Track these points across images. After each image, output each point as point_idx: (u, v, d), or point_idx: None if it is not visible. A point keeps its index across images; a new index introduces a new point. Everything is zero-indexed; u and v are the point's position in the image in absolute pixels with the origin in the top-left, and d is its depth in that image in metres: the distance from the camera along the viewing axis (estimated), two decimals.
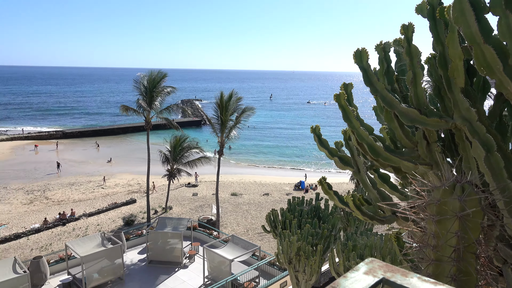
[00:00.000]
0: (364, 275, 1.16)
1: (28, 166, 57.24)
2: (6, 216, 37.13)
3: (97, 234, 21.09)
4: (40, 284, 19.29)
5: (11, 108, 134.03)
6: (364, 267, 1.19)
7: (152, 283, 19.67)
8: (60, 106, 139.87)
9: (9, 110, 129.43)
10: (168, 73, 36.16)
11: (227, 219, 36.44)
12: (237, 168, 61.45)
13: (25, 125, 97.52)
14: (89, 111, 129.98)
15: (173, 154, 37.96)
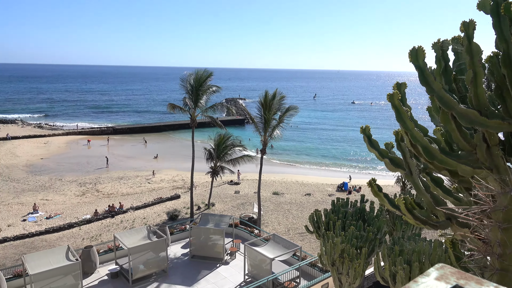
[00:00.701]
0: (436, 281, 1.10)
1: (81, 159, 60.51)
2: (60, 207, 39.49)
3: (144, 227, 21.88)
4: (90, 272, 20.33)
5: (68, 105, 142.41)
6: (435, 273, 1.14)
7: (194, 278, 20.11)
8: (111, 104, 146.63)
9: (66, 106, 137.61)
10: (213, 72, 36.80)
11: (268, 217, 36.52)
12: (279, 167, 61.39)
13: (79, 121, 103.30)
14: (138, 109, 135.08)
15: (217, 152, 38.58)
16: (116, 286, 19.18)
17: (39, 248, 29.69)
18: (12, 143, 69.86)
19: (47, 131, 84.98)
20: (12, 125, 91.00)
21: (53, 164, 57.42)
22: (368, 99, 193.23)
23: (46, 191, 44.48)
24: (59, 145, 71.29)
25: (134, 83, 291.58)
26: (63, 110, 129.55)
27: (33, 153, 63.46)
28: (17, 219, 35.84)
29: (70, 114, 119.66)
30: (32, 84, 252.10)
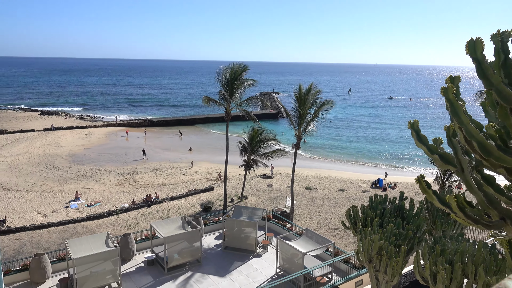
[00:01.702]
0: None
1: (120, 150, 62.59)
2: (100, 195, 41.09)
3: (179, 218, 22.38)
4: (128, 259, 21.06)
5: (108, 97, 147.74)
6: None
7: (227, 268, 20.40)
8: (149, 97, 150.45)
9: (106, 99, 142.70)
10: (248, 65, 36.89)
11: (300, 212, 36.40)
12: (312, 162, 60.93)
13: (118, 113, 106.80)
14: (174, 102, 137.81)
15: (250, 145, 38.77)
16: (152, 273, 19.78)
17: (80, 233, 31.08)
18: (56, 134, 73.27)
19: (88, 122, 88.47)
20: (56, 116, 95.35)
21: (94, 154, 59.75)
22: (407, 94, 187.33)
23: (87, 180, 46.40)
24: (99, 136, 74.05)
25: (171, 77, 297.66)
26: (103, 102, 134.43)
27: (75, 144, 66.29)
28: (61, 205, 37.64)
29: (109, 107, 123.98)
30: (76, 77, 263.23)
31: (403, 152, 68.37)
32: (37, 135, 72.07)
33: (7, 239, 29.87)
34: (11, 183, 44.01)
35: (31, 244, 29.28)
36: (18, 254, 27.40)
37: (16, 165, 51.80)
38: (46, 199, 39.49)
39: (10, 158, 55.26)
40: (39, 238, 30.51)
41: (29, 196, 40.08)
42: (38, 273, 18.45)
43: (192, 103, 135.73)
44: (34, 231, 31.59)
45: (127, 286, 18.49)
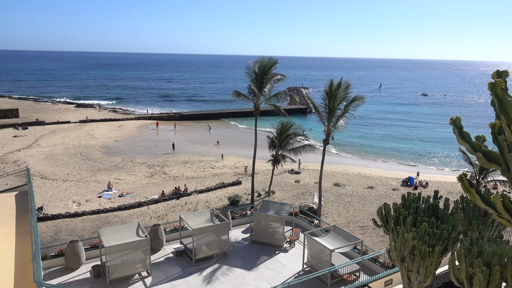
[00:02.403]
0: None
1: (151, 143, 63.97)
2: (131, 186, 42.18)
3: (207, 210, 22.65)
4: (157, 249, 21.53)
5: (140, 91, 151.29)
6: None
7: (254, 262, 20.50)
8: (180, 91, 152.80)
9: (138, 93, 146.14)
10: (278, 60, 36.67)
11: (328, 208, 36.07)
12: (341, 158, 60.18)
13: (149, 107, 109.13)
14: (204, 97, 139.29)
15: (278, 140, 38.68)
16: (180, 263, 20.14)
17: (112, 223, 32.06)
18: (90, 126, 75.71)
19: (121, 115, 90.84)
20: (90, 109, 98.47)
21: (126, 146, 61.35)
22: (442, 90, 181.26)
23: (119, 171, 47.73)
24: (131, 128, 75.93)
25: (202, 71, 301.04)
26: (135, 96, 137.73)
27: (108, 136, 68.27)
28: (94, 195, 38.93)
29: (141, 100, 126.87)
30: (111, 71, 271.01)
31: (435, 151, 66.36)
32: (73, 126, 74.72)
33: (44, 226, 31.19)
34: (48, 172, 45.88)
35: (66, 231, 30.47)
36: (54, 240, 28.57)
37: (53, 155, 53.93)
38: (80, 188, 40.94)
39: (47, 148, 57.59)
40: (74, 225, 31.70)
41: (65, 185, 41.67)
42: (73, 259, 19.16)
43: (222, 97, 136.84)
44: (69, 219, 32.84)
45: (156, 275, 18.92)
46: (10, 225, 16.03)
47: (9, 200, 18.94)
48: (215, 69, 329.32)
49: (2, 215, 17.05)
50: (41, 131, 69.09)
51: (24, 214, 17.26)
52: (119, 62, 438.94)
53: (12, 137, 64.06)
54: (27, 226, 15.88)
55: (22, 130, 69.75)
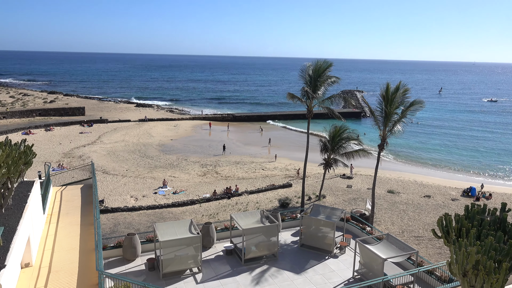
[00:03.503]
0: None
1: (204, 143, 65.72)
2: (185, 184, 43.58)
3: (257, 211, 22.83)
4: (208, 246, 22.04)
5: (196, 92, 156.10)
6: None
7: (303, 266, 20.34)
8: (234, 93, 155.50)
9: (194, 94, 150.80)
10: (333, 62, 36.20)
11: (381, 216, 34.90)
12: (396, 164, 58.00)
13: (204, 107, 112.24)
14: (258, 99, 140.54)
15: (331, 144, 38.10)
16: (230, 262, 20.47)
17: (166, 218, 33.33)
18: (148, 125, 79.33)
19: (177, 115, 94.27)
20: (149, 108, 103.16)
21: (180, 145, 63.55)
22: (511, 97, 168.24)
23: (174, 169, 49.53)
24: (186, 128, 78.50)
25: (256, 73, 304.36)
26: (191, 97, 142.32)
27: (164, 134, 71.13)
28: (150, 191, 40.72)
29: (196, 101, 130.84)
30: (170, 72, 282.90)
31: (502, 162, 61.70)
32: (133, 125, 78.72)
33: (104, 218, 33.14)
34: (109, 168, 48.70)
35: (124, 224, 32.15)
36: (113, 232, 30.27)
37: (114, 151, 57.16)
38: (138, 184, 43.01)
39: (109, 145, 61.16)
40: (131, 219, 33.37)
41: (124, 181, 43.99)
42: (130, 251, 20.16)
43: (275, 100, 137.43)
44: (127, 213, 34.62)
45: (207, 272, 19.37)
46: (76, 216, 17.23)
47: (75, 192, 20.37)
48: (271, 72, 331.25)
49: (69, 206, 18.37)
50: (104, 129, 73.52)
51: (88, 205, 18.47)
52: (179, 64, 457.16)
53: (78, 133, 68.80)
54: (90, 217, 16.98)
55: (87, 127, 74.68)
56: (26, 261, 12.49)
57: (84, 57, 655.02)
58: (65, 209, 18.06)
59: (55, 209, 17.97)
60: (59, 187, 21.40)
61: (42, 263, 13.02)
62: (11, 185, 13.01)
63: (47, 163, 22.05)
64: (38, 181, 16.47)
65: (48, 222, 16.47)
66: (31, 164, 13.87)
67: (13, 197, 13.91)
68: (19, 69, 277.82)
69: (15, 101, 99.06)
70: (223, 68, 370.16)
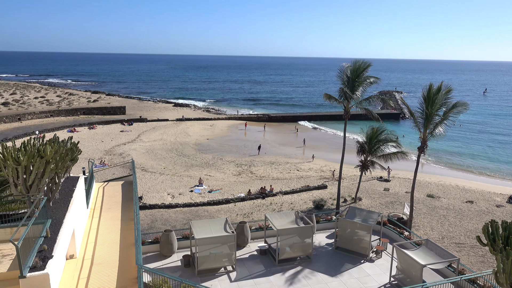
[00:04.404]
0: None
1: (239, 143, 66.26)
2: (220, 183, 44.13)
3: (292, 212, 22.78)
4: (243, 245, 22.24)
5: (234, 93, 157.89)
6: None
7: (337, 269, 20.08)
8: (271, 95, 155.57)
9: (231, 94, 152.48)
10: (372, 63, 35.49)
11: (420, 221, 33.77)
12: (436, 168, 55.96)
13: (240, 108, 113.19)
14: (293, 100, 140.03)
15: (368, 146, 37.32)
16: (263, 262, 20.56)
17: (202, 216, 33.90)
18: (185, 124, 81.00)
19: (213, 115, 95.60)
20: (186, 108, 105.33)
21: (216, 144, 64.42)
22: None
23: (209, 168, 50.29)
24: (222, 128, 79.47)
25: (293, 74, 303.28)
26: (227, 97, 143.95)
27: (201, 134, 72.37)
28: (186, 189, 41.56)
29: (232, 101, 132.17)
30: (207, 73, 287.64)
31: None
32: (170, 124, 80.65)
33: (142, 214, 34.17)
34: (147, 165, 50.16)
35: (161, 221, 33.01)
36: (150, 228, 31.15)
37: (152, 149, 58.83)
38: (174, 182, 44.02)
39: (148, 143, 63.00)
40: (168, 216, 34.21)
41: (161, 178, 45.16)
42: (166, 247, 20.72)
43: (311, 100, 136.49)
44: (164, 210, 35.52)
45: (241, 271, 19.56)
46: (117, 211, 17.90)
47: (117, 188, 21.16)
48: (308, 72, 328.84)
49: (111, 201, 19.12)
50: (143, 127, 75.80)
51: (128, 201, 19.13)
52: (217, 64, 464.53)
53: (119, 131, 71.34)
54: (130, 213, 17.58)
55: (127, 125, 77.30)
56: (71, 252, 13.13)
57: (126, 58, 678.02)
58: (107, 204, 18.82)
59: (98, 204, 18.75)
60: (101, 183, 22.32)
61: (85, 255, 13.64)
62: (59, 180, 13.72)
63: (90, 159, 23.05)
64: (82, 176, 17.26)
65: (91, 216, 17.22)
66: (77, 160, 14.57)
67: (59, 192, 14.66)
68: (65, 70, 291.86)
69: (62, 100, 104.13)
70: (260, 69, 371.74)
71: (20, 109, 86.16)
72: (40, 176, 12.66)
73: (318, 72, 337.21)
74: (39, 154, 12.49)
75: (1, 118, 74.24)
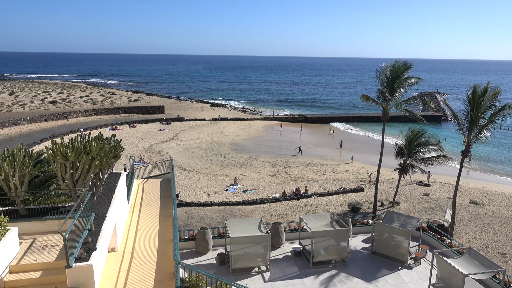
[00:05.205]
0: None
1: (275, 143, 66.26)
2: (255, 183, 44.33)
3: (327, 214, 22.50)
4: (277, 246, 22.22)
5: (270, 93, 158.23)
6: None
7: (374, 274, 19.64)
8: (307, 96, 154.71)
9: (268, 95, 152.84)
10: (413, 63, 34.48)
11: (462, 228, 32.40)
12: (480, 173, 53.43)
13: (275, 108, 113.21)
14: (330, 101, 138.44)
15: (408, 148, 36.25)
16: (297, 264, 20.46)
17: (236, 216, 34.21)
18: (221, 124, 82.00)
19: (249, 115, 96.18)
20: (222, 108, 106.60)
21: (252, 144, 64.76)
22: None
23: (245, 168, 50.64)
24: (257, 128, 79.78)
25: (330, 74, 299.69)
26: (263, 97, 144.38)
27: (236, 134, 73.01)
28: (221, 188, 42.07)
29: (268, 101, 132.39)
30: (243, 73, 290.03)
31: None
32: (207, 123, 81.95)
33: (179, 211, 34.94)
34: (184, 164, 51.23)
35: (196, 218, 33.62)
36: (186, 225, 31.81)
37: (189, 148, 60.01)
38: (210, 180, 44.68)
39: (185, 142, 64.33)
40: (203, 214, 34.78)
41: (198, 177, 45.97)
42: (202, 244, 21.07)
43: (347, 101, 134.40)
44: (200, 207, 36.15)
45: (274, 271, 19.56)
46: (155, 207, 18.43)
47: (156, 185, 21.78)
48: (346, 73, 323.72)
49: (150, 198, 19.71)
50: (181, 127, 77.48)
51: (166, 198, 19.64)
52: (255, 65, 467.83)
53: (158, 130, 73.31)
54: (168, 209, 18.04)
55: (166, 124, 79.27)
56: (112, 245, 13.65)
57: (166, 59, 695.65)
58: (146, 200, 19.40)
59: (138, 200, 19.38)
60: (141, 180, 23.03)
61: (126, 248, 14.14)
62: (102, 176, 14.32)
63: (131, 157, 23.86)
64: (124, 173, 17.91)
65: (131, 211, 17.82)
66: (120, 157, 15.14)
67: (103, 187, 15.29)
68: (108, 71, 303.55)
69: (105, 99, 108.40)
70: (298, 70, 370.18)
71: (66, 108, 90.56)
72: (86, 171, 13.26)
73: (356, 72, 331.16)
74: (85, 151, 13.10)
75: (49, 116, 78.34)
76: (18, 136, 63.12)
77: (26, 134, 64.92)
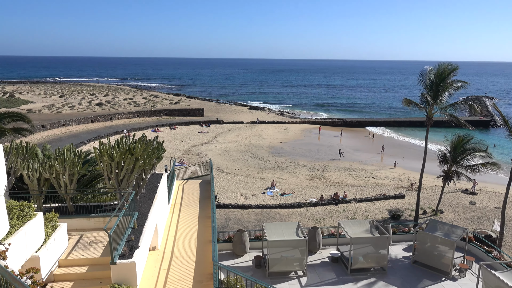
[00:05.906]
0: None
1: (313, 147, 65.68)
2: (292, 187, 44.14)
3: (367, 221, 22.01)
4: (314, 251, 21.99)
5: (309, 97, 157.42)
6: None
7: (415, 284, 18.98)
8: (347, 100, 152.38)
9: (307, 98, 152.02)
10: (458, 65, 33.10)
11: (511, 240, 30.61)
12: None
13: (314, 111, 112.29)
14: (370, 105, 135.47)
15: (452, 155, 34.75)
16: (335, 270, 20.13)
17: (273, 219, 34.20)
18: (259, 127, 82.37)
19: (287, 118, 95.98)
20: (260, 111, 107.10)
21: (289, 148, 64.56)
22: None
23: (282, 171, 50.55)
24: (295, 131, 79.44)
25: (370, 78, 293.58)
26: (302, 100, 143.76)
27: (274, 137, 73.07)
28: (259, 191, 42.23)
29: (307, 105, 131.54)
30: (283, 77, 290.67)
31: None
32: (245, 126, 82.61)
33: (216, 213, 35.27)
34: (222, 166, 51.90)
35: (234, 220, 33.94)
36: (224, 227, 32.19)
37: (227, 151, 60.74)
38: (248, 183, 44.97)
39: (223, 144, 65.19)
40: (240, 216, 35.06)
41: (235, 179, 46.42)
42: (239, 247, 21.24)
43: (389, 105, 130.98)
44: (237, 210, 36.47)
45: (311, 276, 19.36)
46: (195, 208, 18.80)
47: (195, 187, 22.21)
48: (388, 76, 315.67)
49: (190, 199, 20.13)
50: (220, 129, 78.61)
51: (205, 200, 19.98)
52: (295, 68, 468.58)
53: (197, 132, 74.81)
54: (207, 210, 18.35)
55: (205, 127, 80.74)
56: (153, 244, 14.06)
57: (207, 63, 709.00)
58: (186, 201, 19.84)
59: (178, 201, 19.85)
60: (181, 181, 23.57)
61: (166, 248, 14.52)
62: (145, 176, 14.80)
63: (172, 158, 24.48)
64: (165, 174, 18.42)
65: (171, 212, 18.29)
66: (162, 158, 15.56)
67: (146, 187, 15.81)
68: (151, 74, 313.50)
69: (147, 102, 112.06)
70: (338, 73, 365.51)
71: (111, 110, 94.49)
72: (130, 171, 13.77)
73: (399, 76, 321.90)
74: (130, 152, 13.61)
75: (96, 117, 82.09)
76: (67, 136, 66.63)
77: (74, 135, 68.39)
